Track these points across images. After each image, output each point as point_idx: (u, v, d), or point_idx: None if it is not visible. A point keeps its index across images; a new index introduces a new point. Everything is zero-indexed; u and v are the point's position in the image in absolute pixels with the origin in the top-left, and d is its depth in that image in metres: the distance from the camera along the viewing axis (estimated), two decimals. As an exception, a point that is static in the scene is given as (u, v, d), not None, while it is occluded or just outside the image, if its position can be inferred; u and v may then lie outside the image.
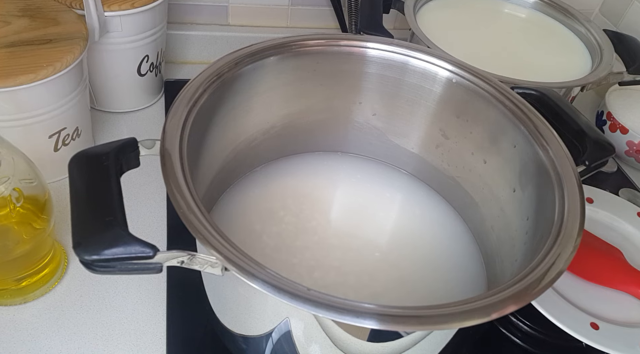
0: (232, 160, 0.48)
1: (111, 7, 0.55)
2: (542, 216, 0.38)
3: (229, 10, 0.75)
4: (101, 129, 0.62)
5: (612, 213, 0.55)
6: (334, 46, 0.47)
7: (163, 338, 0.44)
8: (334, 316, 0.28)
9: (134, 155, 0.37)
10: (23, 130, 0.49)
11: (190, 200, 0.32)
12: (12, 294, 0.45)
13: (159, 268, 0.31)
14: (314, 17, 0.78)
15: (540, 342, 0.47)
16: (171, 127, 0.36)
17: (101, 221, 0.31)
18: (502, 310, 0.30)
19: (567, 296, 0.47)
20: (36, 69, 0.45)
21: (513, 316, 0.48)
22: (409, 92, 0.49)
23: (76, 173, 0.34)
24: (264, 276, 0.29)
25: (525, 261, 0.34)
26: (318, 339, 0.34)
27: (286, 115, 0.50)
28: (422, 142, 0.51)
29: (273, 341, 0.36)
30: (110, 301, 0.46)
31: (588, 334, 0.43)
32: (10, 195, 0.39)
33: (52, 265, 0.46)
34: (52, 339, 0.43)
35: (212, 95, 0.40)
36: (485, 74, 0.46)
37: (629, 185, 0.65)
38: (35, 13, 0.52)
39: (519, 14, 0.71)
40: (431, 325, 0.29)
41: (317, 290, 0.29)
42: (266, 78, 0.46)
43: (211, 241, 0.30)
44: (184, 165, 0.34)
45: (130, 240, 0.30)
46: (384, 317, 0.28)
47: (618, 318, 0.46)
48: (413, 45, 0.48)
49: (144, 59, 0.61)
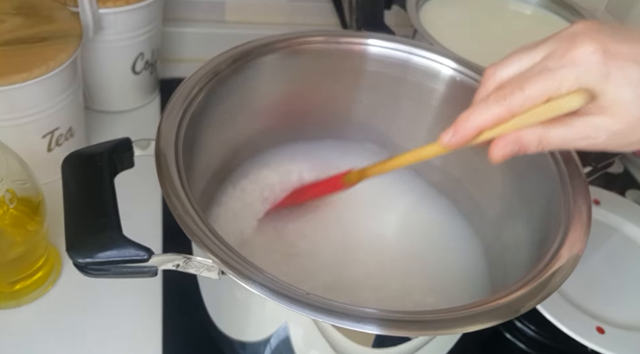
0: (229, 161, 0.47)
1: (106, 4, 0.54)
2: (548, 218, 0.37)
3: (225, 7, 0.75)
4: (95, 129, 0.62)
5: (618, 214, 0.54)
6: (333, 43, 0.47)
7: (159, 343, 0.44)
8: (334, 321, 0.27)
9: (129, 156, 0.37)
10: (16, 130, 0.48)
11: (186, 202, 0.32)
12: (6, 297, 0.44)
13: (154, 272, 0.31)
14: (313, 14, 0.78)
15: (545, 347, 0.47)
16: (166, 127, 0.36)
17: (95, 223, 0.31)
18: (506, 315, 0.29)
19: (573, 299, 0.46)
20: (30, 68, 0.45)
21: (517, 321, 0.48)
22: (411, 90, 0.48)
23: (69, 174, 0.34)
24: (262, 279, 0.28)
25: (531, 265, 0.34)
26: (318, 345, 0.34)
27: (284, 114, 0.50)
28: (424, 141, 0.50)
29: (271, 347, 0.36)
30: (105, 305, 0.46)
31: (593, 338, 0.43)
32: (3, 197, 0.39)
33: (45, 268, 0.46)
34: (46, 343, 0.43)
35: (209, 93, 0.40)
36: (489, 72, 0.45)
37: (635, 187, 0.64)
38: (30, 11, 0.51)
39: (524, 10, 0.70)
40: (434, 330, 0.29)
41: (316, 294, 0.28)
42: (264, 76, 0.45)
43: (207, 244, 0.30)
44: (179, 165, 0.34)
45: (124, 243, 0.30)
46: (385, 322, 0.28)
47: (624, 322, 0.45)
48: (415, 43, 0.47)
49: (139, 57, 0.61)
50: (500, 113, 0.31)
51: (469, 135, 0.32)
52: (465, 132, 0.32)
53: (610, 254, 0.52)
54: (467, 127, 0.32)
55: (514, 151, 0.31)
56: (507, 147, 0.31)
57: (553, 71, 0.29)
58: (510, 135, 0.31)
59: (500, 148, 0.31)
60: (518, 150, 0.31)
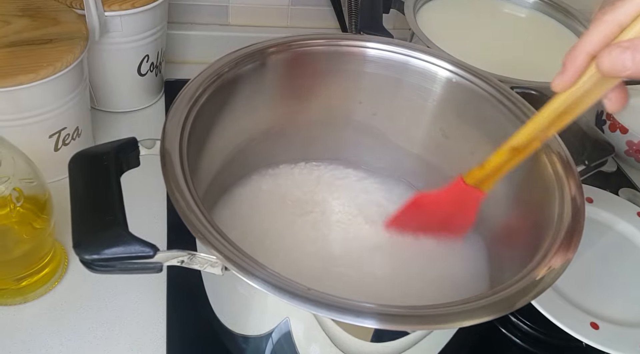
0: (232, 160, 0.48)
1: (111, 6, 0.55)
2: (542, 216, 0.38)
3: (229, 10, 0.76)
4: (101, 129, 0.62)
5: (612, 213, 0.55)
6: (334, 46, 0.47)
7: (163, 338, 0.44)
8: (334, 316, 0.28)
9: (134, 155, 0.37)
10: (23, 130, 0.49)
11: (190, 200, 0.32)
12: (12, 294, 0.45)
13: (159, 268, 0.31)
14: (314, 17, 0.78)
15: (540, 342, 0.47)
16: (171, 127, 0.36)
17: (101, 220, 0.31)
18: (501, 310, 0.30)
19: (567, 295, 0.47)
20: (36, 69, 0.45)
21: (513, 316, 0.48)
22: (409, 92, 0.48)
23: (76, 173, 0.34)
24: (264, 275, 0.29)
25: (526, 261, 0.34)
26: (318, 339, 0.34)
27: (286, 115, 0.50)
28: (422, 141, 0.51)
29: (273, 341, 0.36)
30: (110, 301, 0.46)
31: (588, 334, 0.43)
32: (10, 195, 0.39)
33: (52, 265, 0.46)
34: (52, 339, 0.43)
35: (212, 95, 0.40)
36: (485, 74, 0.46)
37: (628, 185, 0.65)
38: (36, 13, 0.52)
39: (519, 13, 0.71)
40: (431, 324, 0.29)
41: (317, 290, 0.29)
42: (266, 78, 0.46)
43: (211, 241, 0.30)
44: (184, 164, 0.34)
45: (130, 240, 0.30)
46: (384, 316, 0.28)
47: (618, 317, 0.46)
48: (413, 45, 0.48)
49: (144, 59, 0.61)
50: (605, 30, 0.28)
51: (578, 68, 0.29)
52: (573, 65, 0.29)
53: (604, 251, 0.52)
54: (574, 56, 0.29)
55: (620, 62, 0.27)
56: (612, 56, 0.27)
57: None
58: (619, 44, 0.27)
59: (606, 57, 0.27)
60: (625, 62, 0.27)
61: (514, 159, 0.38)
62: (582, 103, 0.32)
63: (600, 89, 0.31)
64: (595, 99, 0.32)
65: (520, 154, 0.37)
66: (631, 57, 0.27)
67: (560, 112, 0.34)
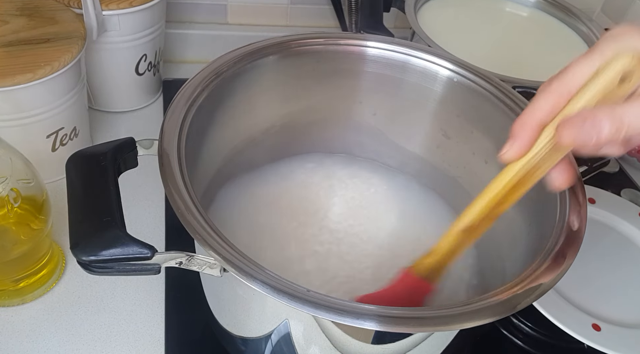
0: (231, 160, 0.47)
1: (109, 5, 0.55)
2: (544, 217, 0.37)
3: (227, 9, 0.75)
4: (99, 129, 0.62)
5: (614, 213, 0.54)
6: (333, 45, 0.47)
7: (161, 340, 0.44)
8: (334, 318, 0.28)
9: (132, 155, 0.37)
10: (21, 130, 0.48)
11: (189, 201, 0.32)
12: (10, 295, 0.45)
13: (157, 269, 0.31)
14: (313, 16, 0.78)
15: (541, 343, 0.47)
16: (169, 127, 0.36)
17: (99, 221, 0.31)
18: (503, 312, 0.29)
19: (569, 297, 0.47)
20: (34, 68, 0.45)
21: (514, 317, 0.48)
22: (410, 91, 0.48)
23: (74, 173, 0.34)
24: (263, 277, 0.28)
25: (526, 263, 0.34)
26: (318, 341, 0.34)
27: (285, 115, 0.50)
28: (422, 141, 0.51)
29: (272, 343, 0.36)
30: (109, 303, 0.46)
31: (590, 335, 0.43)
32: (7, 196, 0.39)
33: (50, 266, 0.46)
34: (50, 341, 0.43)
35: (211, 94, 0.40)
36: (486, 73, 0.45)
37: (631, 186, 0.64)
38: (33, 12, 0.52)
39: (520, 12, 0.71)
40: (432, 326, 0.29)
41: (316, 291, 0.28)
42: (265, 77, 0.45)
43: (209, 242, 0.30)
44: (182, 164, 0.34)
45: (128, 241, 0.30)
46: (384, 318, 0.28)
47: (620, 319, 0.46)
48: (414, 44, 0.47)
49: (142, 58, 0.61)
50: (554, 99, 0.28)
51: (530, 136, 0.29)
52: (524, 133, 0.29)
53: (606, 252, 0.52)
54: (524, 125, 0.29)
55: (585, 133, 0.26)
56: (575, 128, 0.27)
57: (592, 48, 0.27)
58: (578, 115, 0.27)
59: (568, 129, 0.27)
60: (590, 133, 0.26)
61: (465, 241, 0.35)
62: (536, 173, 0.31)
63: (554, 158, 0.30)
64: (549, 168, 0.31)
65: (472, 235, 0.35)
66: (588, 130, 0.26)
67: (513, 184, 0.32)
